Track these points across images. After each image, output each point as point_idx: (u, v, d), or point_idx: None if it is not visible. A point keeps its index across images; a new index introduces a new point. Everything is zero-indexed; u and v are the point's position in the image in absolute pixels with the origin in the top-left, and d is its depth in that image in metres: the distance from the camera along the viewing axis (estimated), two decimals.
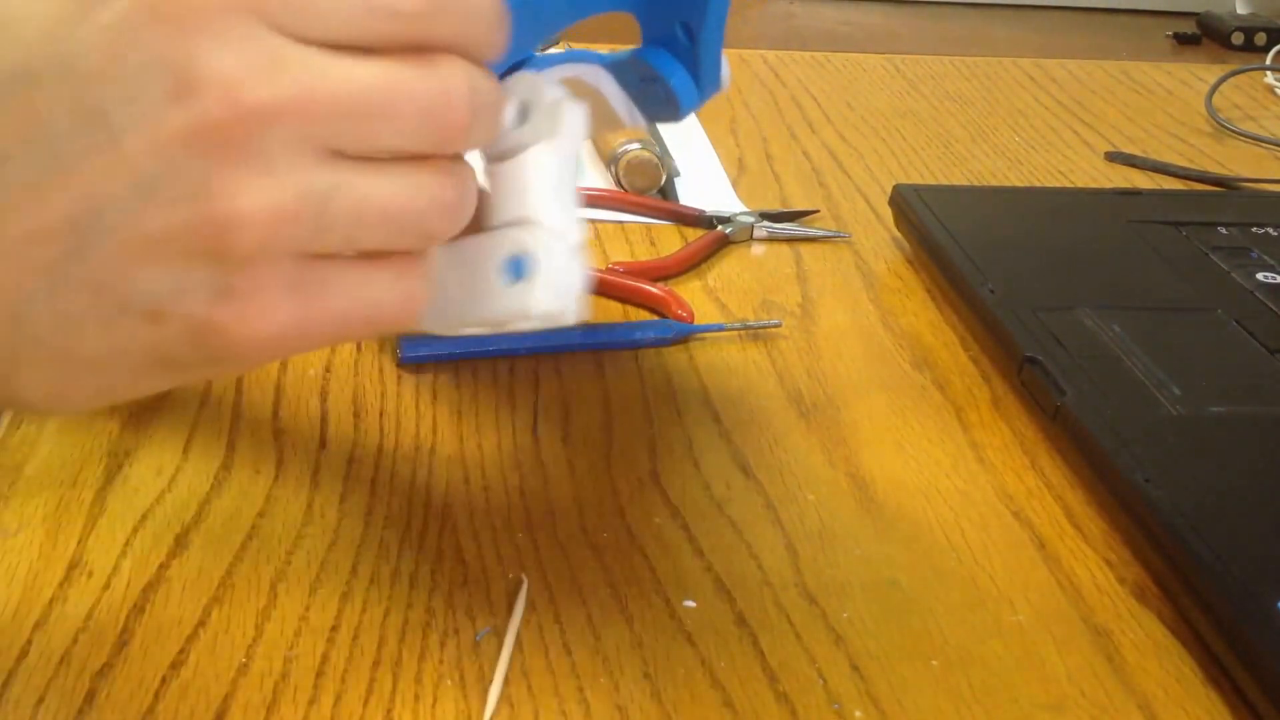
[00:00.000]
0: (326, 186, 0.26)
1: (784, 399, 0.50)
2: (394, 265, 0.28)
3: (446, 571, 0.39)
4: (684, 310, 0.55)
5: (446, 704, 0.34)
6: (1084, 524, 0.44)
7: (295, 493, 0.42)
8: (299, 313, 0.27)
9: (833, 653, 0.37)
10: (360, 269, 0.28)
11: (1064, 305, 0.54)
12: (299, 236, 0.26)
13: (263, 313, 0.26)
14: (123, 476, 0.42)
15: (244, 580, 0.38)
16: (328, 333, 0.28)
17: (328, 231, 0.26)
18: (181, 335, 0.26)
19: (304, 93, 0.25)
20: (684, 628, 0.38)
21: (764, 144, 0.79)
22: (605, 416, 0.48)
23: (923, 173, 0.76)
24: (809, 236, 0.65)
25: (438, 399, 0.48)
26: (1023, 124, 0.87)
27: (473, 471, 0.44)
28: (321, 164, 0.26)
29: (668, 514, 0.43)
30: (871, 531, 0.43)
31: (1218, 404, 0.47)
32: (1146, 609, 0.40)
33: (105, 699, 0.34)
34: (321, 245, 0.27)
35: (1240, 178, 0.78)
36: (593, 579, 0.39)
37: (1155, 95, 0.96)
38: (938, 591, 0.40)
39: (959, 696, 0.36)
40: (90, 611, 0.37)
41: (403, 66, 0.26)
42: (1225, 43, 1.21)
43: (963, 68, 0.99)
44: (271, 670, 0.35)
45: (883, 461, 0.47)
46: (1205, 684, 0.37)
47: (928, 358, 0.54)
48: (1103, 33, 1.26)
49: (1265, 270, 0.59)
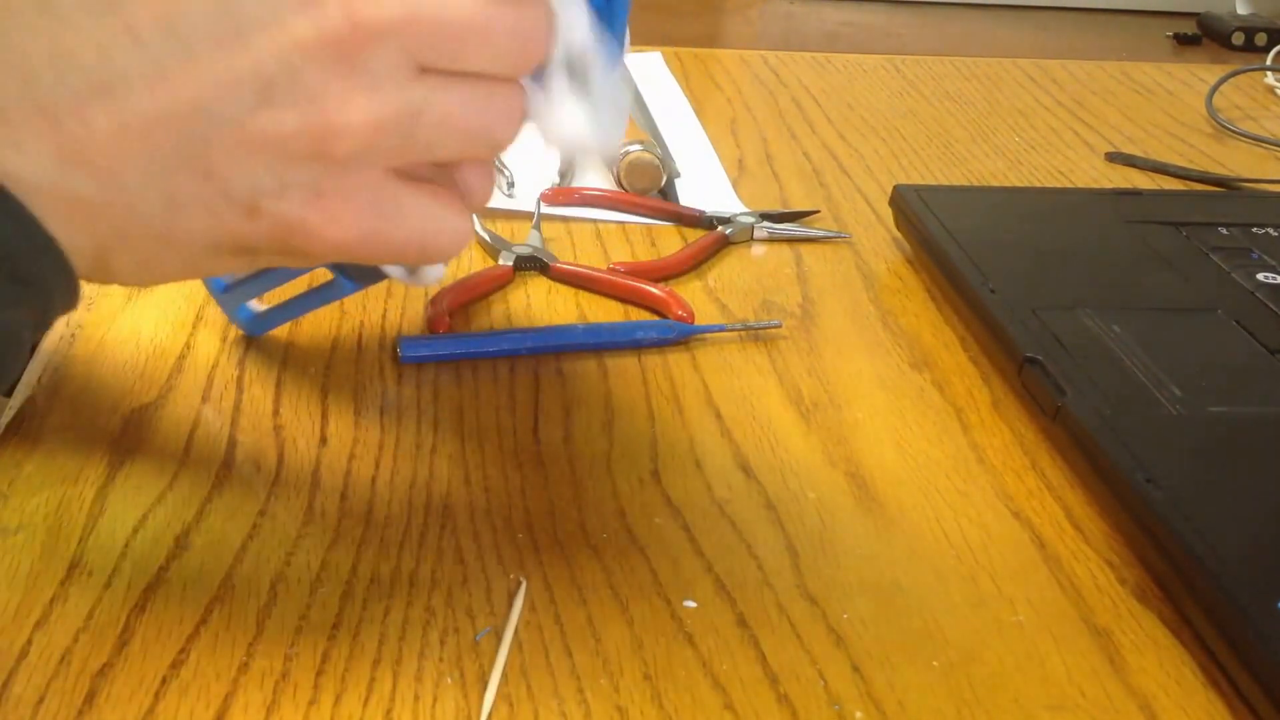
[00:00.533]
0: (420, 101, 0.28)
1: (784, 399, 0.50)
2: (455, 204, 0.32)
3: (447, 571, 0.39)
4: (684, 311, 0.55)
5: (447, 703, 0.34)
6: (1084, 524, 0.44)
7: (296, 491, 0.42)
8: (376, 224, 0.30)
9: (833, 653, 0.37)
10: (429, 199, 0.31)
11: (1064, 305, 0.54)
12: (391, 146, 0.29)
13: (347, 218, 0.29)
14: (123, 475, 0.42)
15: (244, 579, 0.38)
16: (393, 249, 0.31)
17: (415, 140, 0.29)
18: (272, 228, 0.29)
19: (411, 14, 0.27)
20: (685, 628, 0.38)
21: (764, 144, 0.79)
22: (606, 416, 0.48)
23: (923, 173, 0.76)
24: (809, 237, 0.65)
25: (439, 398, 0.48)
26: (1023, 124, 0.87)
27: (473, 471, 0.44)
28: (416, 80, 0.28)
29: (668, 514, 0.43)
30: (872, 532, 0.43)
31: (1218, 404, 0.47)
32: (1147, 609, 0.40)
33: (105, 699, 0.34)
34: (408, 154, 0.29)
35: (1240, 178, 0.78)
36: (593, 579, 0.39)
37: (1156, 95, 0.96)
38: (938, 592, 0.40)
39: (960, 697, 0.36)
40: (91, 611, 0.37)
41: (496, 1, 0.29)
42: (1225, 43, 1.21)
43: (963, 68, 0.99)
44: (272, 669, 0.35)
45: (883, 462, 0.47)
46: (1206, 684, 0.37)
47: (928, 358, 0.54)
48: (1103, 33, 1.27)
49: (1266, 270, 0.59)
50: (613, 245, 0.63)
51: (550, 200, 0.66)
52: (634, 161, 0.68)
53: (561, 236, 0.63)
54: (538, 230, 0.62)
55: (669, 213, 0.67)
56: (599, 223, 0.65)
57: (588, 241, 0.63)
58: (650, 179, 0.68)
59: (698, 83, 0.90)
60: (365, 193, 0.29)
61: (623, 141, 0.29)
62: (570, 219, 0.65)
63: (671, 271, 0.60)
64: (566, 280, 0.58)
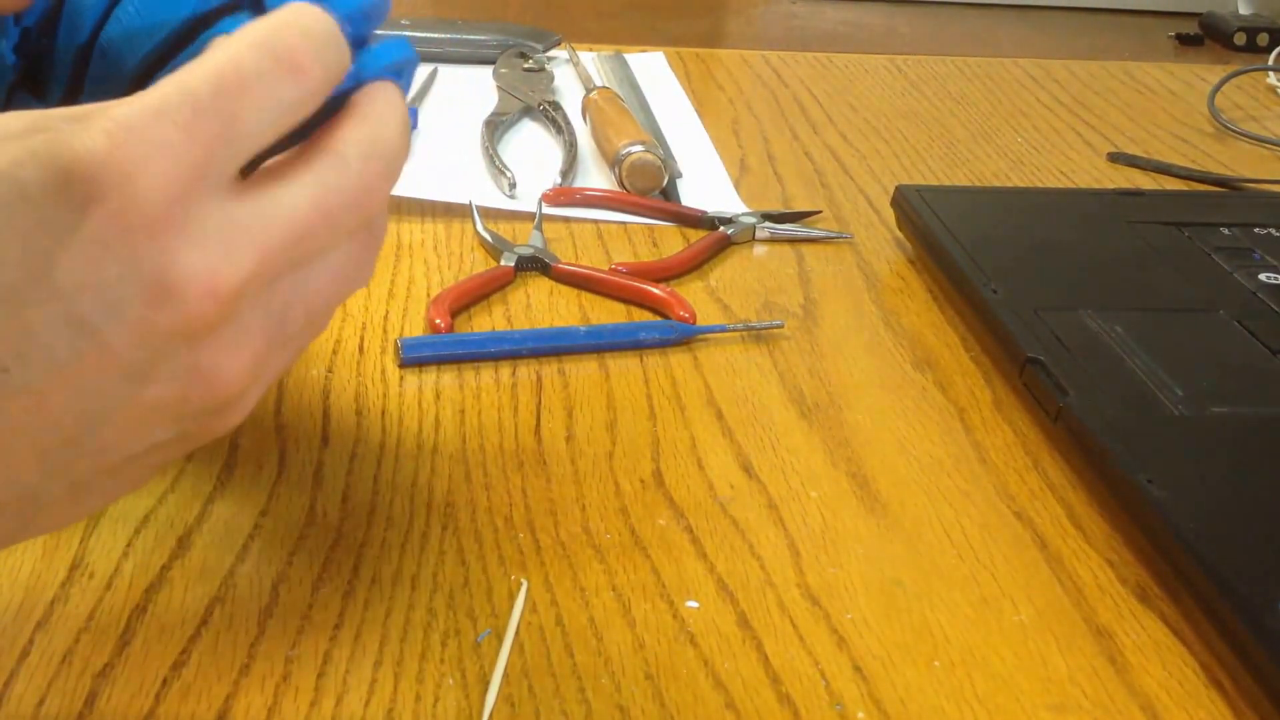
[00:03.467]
0: (283, 308, 0.28)
1: (786, 400, 0.50)
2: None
3: (448, 571, 0.39)
4: (686, 311, 0.55)
5: (449, 704, 0.34)
6: (1086, 524, 0.44)
7: (297, 492, 0.42)
8: (276, 360, 0.30)
9: (835, 653, 0.37)
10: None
11: (1066, 306, 0.54)
12: (270, 351, 0.28)
13: (246, 398, 0.29)
14: None
15: (246, 580, 0.38)
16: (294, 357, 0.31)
17: (292, 333, 0.29)
18: (179, 447, 0.29)
19: (263, 253, 0.26)
20: (686, 628, 0.38)
21: (766, 145, 0.79)
22: (608, 417, 0.48)
23: (925, 173, 0.76)
24: (811, 237, 0.65)
25: (440, 398, 0.48)
26: (1025, 125, 0.87)
27: (475, 471, 0.44)
28: (278, 292, 0.28)
29: (671, 514, 0.43)
30: (874, 532, 0.43)
31: (1220, 405, 0.47)
32: (1148, 609, 0.40)
33: (106, 699, 0.34)
34: (289, 342, 0.29)
35: (1242, 178, 0.78)
36: (595, 580, 0.39)
37: (1157, 96, 0.96)
38: (940, 592, 0.40)
39: (961, 697, 0.36)
40: (92, 611, 0.37)
41: (323, 171, 0.28)
42: (1228, 43, 1.21)
43: (965, 68, 0.99)
44: (273, 671, 0.35)
45: (885, 462, 0.47)
46: (1207, 685, 0.37)
47: (930, 358, 0.54)
48: (1105, 33, 1.26)
49: (1267, 271, 0.59)
50: (614, 245, 0.63)
51: (552, 201, 0.66)
52: (636, 162, 0.68)
53: (563, 237, 0.63)
54: (539, 231, 0.62)
55: (671, 213, 0.67)
56: (600, 223, 0.65)
57: (589, 242, 0.63)
58: (652, 179, 0.68)
59: (699, 83, 0.90)
60: (255, 381, 0.29)
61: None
62: (572, 219, 0.65)
63: (673, 272, 0.60)
64: (568, 281, 0.58)
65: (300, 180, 0.27)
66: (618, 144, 0.69)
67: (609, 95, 0.77)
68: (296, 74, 0.27)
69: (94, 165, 0.24)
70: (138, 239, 0.25)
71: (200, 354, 0.27)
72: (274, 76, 0.26)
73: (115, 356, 0.26)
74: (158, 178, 0.25)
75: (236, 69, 0.26)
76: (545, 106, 0.78)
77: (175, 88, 0.25)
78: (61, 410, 0.26)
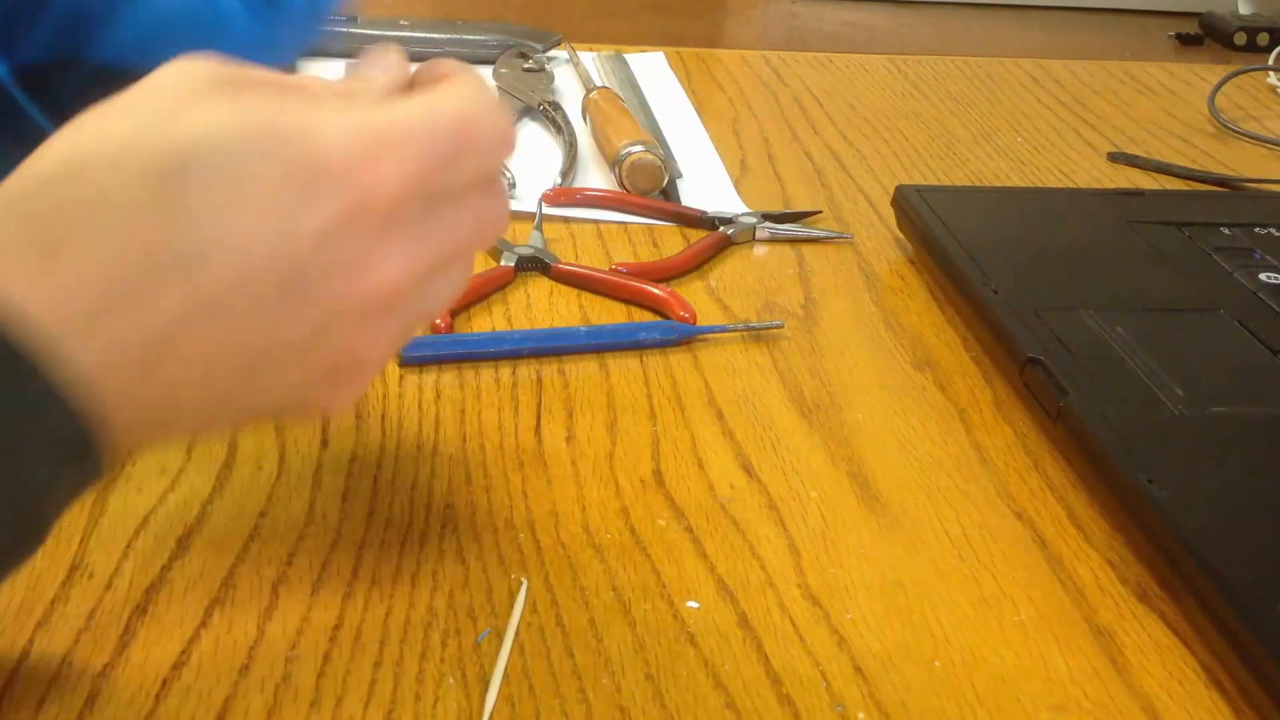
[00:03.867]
0: (439, 231, 0.32)
1: (786, 400, 0.50)
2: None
3: (448, 572, 0.39)
4: (687, 311, 0.55)
5: (449, 704, 0.34)
6: (1086, 525, 0.44)
7: (297, 493, 0.42)
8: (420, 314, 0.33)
9: (835, 654, 0.37)
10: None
11: (1066, 306, 0.54)
12: (421, 271, 0.32)
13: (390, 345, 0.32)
14: (125, 476, 0.42)
15: (246, 581, 0.38)
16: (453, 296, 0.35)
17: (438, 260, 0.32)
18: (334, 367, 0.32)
19: (427, 147, 0.30)
20: (687, 629, 0.38)
21: (766, 145, 0.79)
22: (608, 417, 0.48)
23: (925, 173, 0.76)
24: (811, 237, 0.65)
25: (440, 399, 0.48)
26: (1025, 124, 0.87)
27: (474, 471, 0.44)
28: (431, 216, 0.31)
29: (671, 515, 0.43)
30: (874, 532, 0.43)
31: (1220, 405, 0.47)
32: (1149, 609, 0.40)
33: (106, 700, 0.34)
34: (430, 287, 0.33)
35: (1243, 178, 0.78)
36: (595, 580, 0.39)
37: (1158, 96, 0.96)
38: (940, 592, 0.40)
39: (962, 697, 0.36)
40: (92, 612, 0.37)
41: (453, 92, 0.32)
42: (1228, 43, 1.21)
43: (965, 68, 0.99)
44: (273, 672, 0.35)
45: (885, 462, 0.47)
46: (1208, 685, 0.37)
47: (930, 358, 0.54)
48: (1105, 33, 1.26)
49: (1268, 271, 0.59)
50: (615, 246, 0.63)
51: (552, 201, 0.66)
52: (636, 162, 0.68)
53: (563, 237, 0.63)
54: (539, 231, 0.62)
55: (671, 213, 0.67)
56: (601, 223, 0.65)
57: (589, 242, 0.63)
58: (652, 179, 0.68)
59: (700, 83, 0.90)
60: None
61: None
62: (572, 219, 0.65)
63: (673, 272, 0.60)
64: (568, 281, 0.58)
65: (442, 93, 0.32)
66: (618, 144, 0.69)
67: (609, 95, 0.77)
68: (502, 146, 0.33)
69: (342, 168, 0.29)
70: (357, 228, 0.29)
71: (357, 332, 0.30)
72: (490, 144, 0.33)
73: (314, 314, 0.30)
74: (390, 187, 0.29)
75: (472, 122, 0.32)
76: (545, 106, 0.78)
77: (424, 112, 0.31)
78: (299, 329, 0.30)
